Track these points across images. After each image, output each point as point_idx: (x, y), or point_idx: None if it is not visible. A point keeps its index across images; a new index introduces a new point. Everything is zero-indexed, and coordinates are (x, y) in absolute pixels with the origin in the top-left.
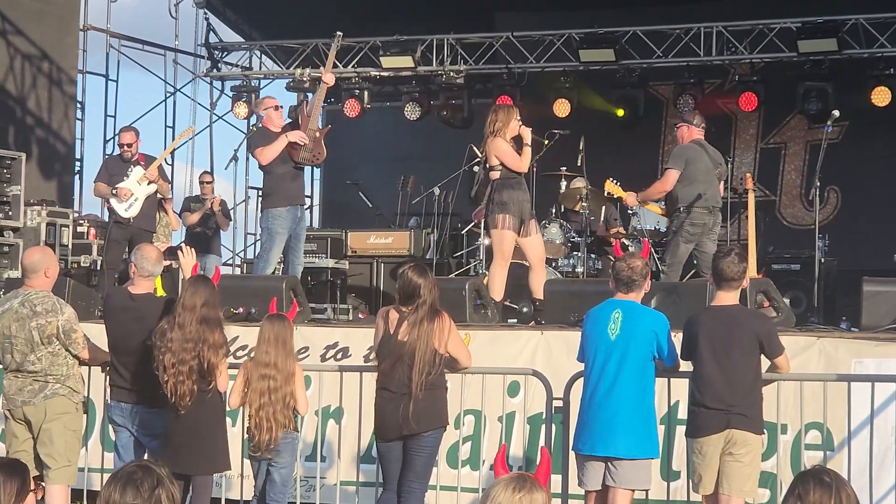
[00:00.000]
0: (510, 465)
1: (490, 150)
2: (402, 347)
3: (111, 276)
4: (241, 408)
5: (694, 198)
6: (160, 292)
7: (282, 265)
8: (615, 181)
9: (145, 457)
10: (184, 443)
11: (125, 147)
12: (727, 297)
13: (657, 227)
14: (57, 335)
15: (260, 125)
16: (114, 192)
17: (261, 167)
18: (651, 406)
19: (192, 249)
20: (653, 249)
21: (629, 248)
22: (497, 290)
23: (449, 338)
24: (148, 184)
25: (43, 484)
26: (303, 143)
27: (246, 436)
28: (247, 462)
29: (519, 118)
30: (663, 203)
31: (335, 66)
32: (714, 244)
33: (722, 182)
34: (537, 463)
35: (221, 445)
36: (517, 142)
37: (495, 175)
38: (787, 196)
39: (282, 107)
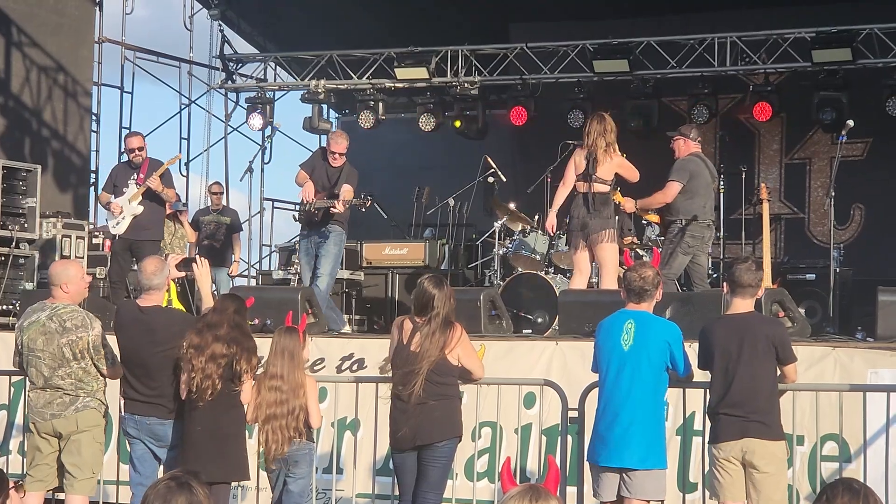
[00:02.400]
0: (527, 477)
1: (612, 163)
2: (415, 358)
3: (117, 288)
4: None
5: (695, 211)
6: (176, 304)
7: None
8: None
9: (160, 468)
10: (204, 449)
11: (136, 152)
12: (742, 305)
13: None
14: (88, 350)
15: (324, 146)
16: (107, 206)
17: None
18: (663, 417)
19: (206, 260)
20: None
21: (642, 257)
22: None
23: (461, 349)
24: (138, 203)
25: (22, 482)
26: (304, 201)
27: (260, 448)
28: (263, 474)
29: None
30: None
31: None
32: (707, 257)
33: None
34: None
35: (241, 454)
36: None
37: (602, 188)
38: (815, 214)
39: (334, 154)
